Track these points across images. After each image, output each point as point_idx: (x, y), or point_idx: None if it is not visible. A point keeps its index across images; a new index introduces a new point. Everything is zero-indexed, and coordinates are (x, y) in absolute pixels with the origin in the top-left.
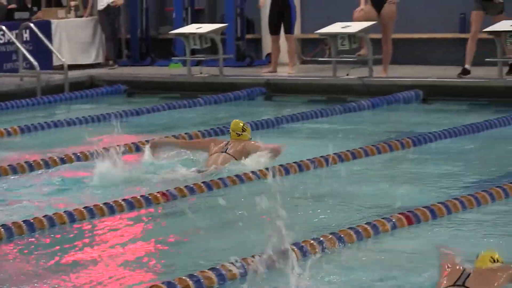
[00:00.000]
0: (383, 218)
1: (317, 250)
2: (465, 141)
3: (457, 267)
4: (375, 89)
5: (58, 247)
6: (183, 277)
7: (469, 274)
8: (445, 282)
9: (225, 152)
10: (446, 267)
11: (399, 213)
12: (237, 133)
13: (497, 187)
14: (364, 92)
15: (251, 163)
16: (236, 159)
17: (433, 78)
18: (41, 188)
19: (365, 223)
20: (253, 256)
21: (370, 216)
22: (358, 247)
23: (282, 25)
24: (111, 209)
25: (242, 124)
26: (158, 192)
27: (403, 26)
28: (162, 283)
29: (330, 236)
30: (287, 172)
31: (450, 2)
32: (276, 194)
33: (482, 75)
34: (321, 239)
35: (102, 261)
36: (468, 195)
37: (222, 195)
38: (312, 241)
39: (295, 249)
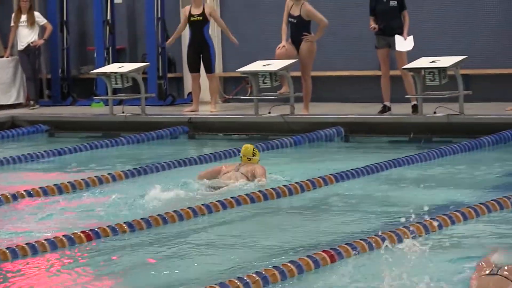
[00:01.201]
0: (307, 256)
1: None
2: (386, 177)
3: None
4: (297, 126)
5: None
6: None
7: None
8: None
9: (238, 171)
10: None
11: (322, 251)
12: (248, 158)
13: (417, 223)
14: (286, 129)
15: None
16: (248, 179)
17: (354, 115)
18: None
19: (288, 262)
20: None
21: (293, 254)
22: (283, 286)
23: (201, 63)
24: (33, 248)
25: (252, 149)
26: (82, 232)
27: (322, 64)
28: None
29: (255, 276)
30: (210, 210)
31: (368, 40)
32: (202, 232)
33: (402, 111)
34: (245, 278)
35: None
36: (390, 231)
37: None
38: (236, 281)
39: None
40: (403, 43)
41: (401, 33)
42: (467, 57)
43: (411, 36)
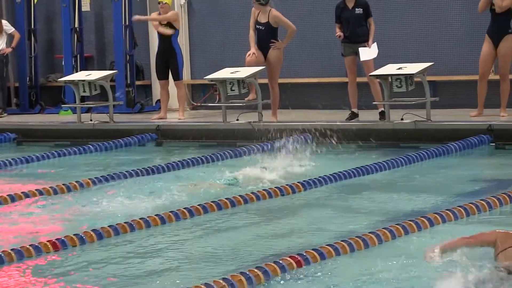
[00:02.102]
0: (273, 262)
1: None
2: (353, 184)
3: None
4: (265, 133)
5: None
6: None
7: None
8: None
9: None
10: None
11: (289, 256)
12: None
13: (384, 228)
14: (254, 137)
15: None
16: None
17: (322, 122)
18: None
19: (256, 267)
20: None
21: (260, 260)
22: None
23: (169, 71)
24: (1, 259)
25: None
26: (48, 241)
27: (290, 71)
28: None
29: (223, 283)
30: (178, 217)
31: (335, 47)
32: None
33: (370, 118)
34: (211, 284)
35: None
36: (356, 236)
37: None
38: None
39: None
40: (367, 52)
41: (366, 41)
42: (434, 63)
43: (375, 43)
